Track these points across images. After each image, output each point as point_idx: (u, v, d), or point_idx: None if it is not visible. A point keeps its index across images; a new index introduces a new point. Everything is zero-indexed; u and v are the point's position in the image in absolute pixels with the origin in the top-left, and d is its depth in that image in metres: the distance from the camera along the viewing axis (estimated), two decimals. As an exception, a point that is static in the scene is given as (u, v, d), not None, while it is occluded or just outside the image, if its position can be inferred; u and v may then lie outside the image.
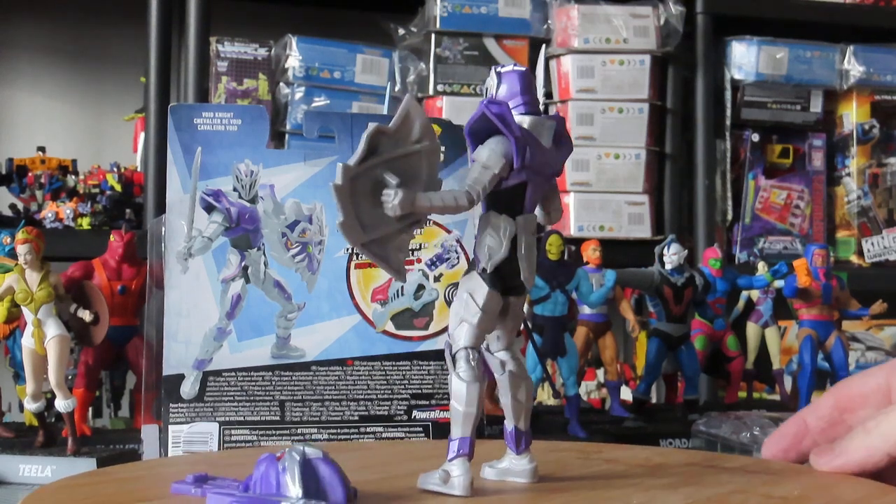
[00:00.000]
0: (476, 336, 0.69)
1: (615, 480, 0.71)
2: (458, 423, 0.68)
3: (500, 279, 0.69)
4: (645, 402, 1.44)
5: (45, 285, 1.07)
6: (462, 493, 0.65)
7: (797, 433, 0.76)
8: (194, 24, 1.84)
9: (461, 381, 0.68)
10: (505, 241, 0.69)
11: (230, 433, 1.05)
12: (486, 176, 0.67)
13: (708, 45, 2.05)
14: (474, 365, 0.69)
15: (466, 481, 0.65)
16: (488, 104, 0.67)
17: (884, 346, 2.09)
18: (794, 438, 0.76)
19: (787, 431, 0.77)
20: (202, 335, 1.06)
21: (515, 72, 0.70)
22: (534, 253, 0.70)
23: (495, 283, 0.69)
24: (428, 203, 0.66)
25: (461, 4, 1.94)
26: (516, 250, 0.69)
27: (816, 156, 2.16)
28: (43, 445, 1.11)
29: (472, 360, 0.69)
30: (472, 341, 0.69)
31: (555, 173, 0.71)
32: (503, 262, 0.69)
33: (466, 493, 0.65)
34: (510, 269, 0.69)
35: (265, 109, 1.13)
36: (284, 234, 1.09)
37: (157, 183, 1.78)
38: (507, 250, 0.69)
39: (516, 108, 0.69)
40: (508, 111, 0.68)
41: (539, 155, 0.69)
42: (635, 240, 1.95)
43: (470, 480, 0.66)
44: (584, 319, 1.48)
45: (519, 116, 0.69)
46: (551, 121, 0.70)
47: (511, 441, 0.70)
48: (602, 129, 1.95)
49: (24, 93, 2.15)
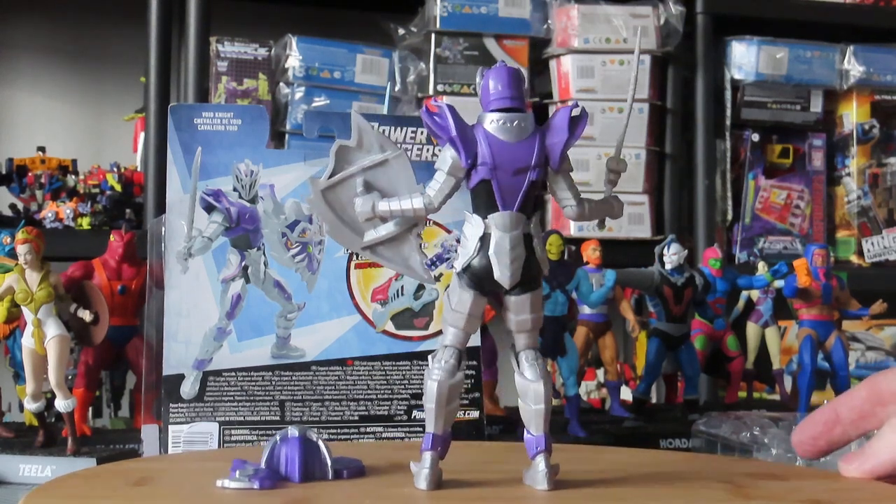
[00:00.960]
0: (452, 335, 0.71)
1: (612, 488, 0.71)
2: (428, 420, 0.71)
3: (476, 279, 0.70)
4: (645, 402, 1.44)
5: (45, 285, 1.07)
6: (421, 486, 0.69)
7: (828, 421, 0.76)
8: (194, 24, 1.84)
9: (428, 380, 0.70)
10: (473, 241, 0.70)
11: (230, 433, 1.05)
12: (438, 178, 0.71)
13: (708, 45, 2.05)
14: (443, 364, 0.71)
15: (428, 475, 0.69)
16: (425, 109, 0.71)
17: (884, 346, 2.09)
18: (825, 426, 0.76)
19: (819, 419, 0.77)
20: (202, 335, 1.06)
21: (495, 69, 0.71)
22: (514, 251, 0.70)
23: (470, 283, 0.70)
24: (387, 207, 0.72)
25: (461, 4, 1.94)
26: (487, 249, 0.70)
27: (816, 156, 2.16)
28: (43, 445, 1.11)
29: (442, 359, 0.71)
30: (448, 340, 0.71)
31: (532, 167, 0.70)
32: (475, 262, 0.70)
33: (425, 487, 0.69)
34: (483, 268, 0.70)
35: (265, 109, 1.13)
36: (284, 234, 1.09)
37: (157, 183, 1.78)
38: (476, 250, 0.70)
39: (490, 105, 0.70)
40: (444, 113, 0.70)
41: (500, 151, 0.70)
42: (635, 240, 1.95)
43: (432, 475, 0.69)
44: (584, 319, 1.48)
45: (489, 114, 0.70)
46: (522, 114, 0.70)
47: (526, 445, 0.71)
48: (602, 129, 1.95)
49: (24, 93, 2.15)
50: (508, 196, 0.70)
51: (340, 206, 0.74)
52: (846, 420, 0.75)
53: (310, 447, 0.71)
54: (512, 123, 0.70)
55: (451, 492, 0.69)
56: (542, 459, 0.69)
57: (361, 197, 0.73)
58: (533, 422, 0.70)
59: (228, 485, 0.68)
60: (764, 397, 1.74)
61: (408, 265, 0.74)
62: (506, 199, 0.70)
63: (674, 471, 0.77)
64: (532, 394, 0.70)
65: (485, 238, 0.70)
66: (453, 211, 0.74)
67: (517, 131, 0.70)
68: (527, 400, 0.70)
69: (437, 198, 0.71)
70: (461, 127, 0.70)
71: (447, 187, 0.71)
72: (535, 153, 0.70)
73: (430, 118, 0.70)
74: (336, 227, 0.75)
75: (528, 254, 0.70)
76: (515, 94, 0.71)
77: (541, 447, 0.69)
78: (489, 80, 0.71)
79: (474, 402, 1.10)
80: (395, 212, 0.73)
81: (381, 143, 0.76)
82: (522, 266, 0.70)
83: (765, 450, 1.10)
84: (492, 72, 0.71)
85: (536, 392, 0.70)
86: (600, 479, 0.72)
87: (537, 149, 0.70)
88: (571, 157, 0.74)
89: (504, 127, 0.70)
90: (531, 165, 0.70)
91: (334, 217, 0.75)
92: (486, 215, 0.70)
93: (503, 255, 0.69)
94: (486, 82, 0.71)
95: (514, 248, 0.70)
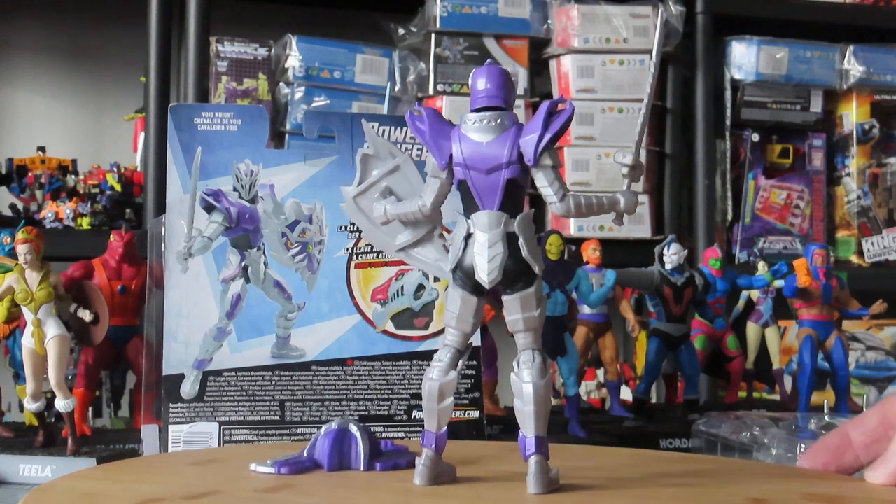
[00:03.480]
0: (450, 334, 0.72)
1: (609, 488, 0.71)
2: (425, 418, 0.72)
3: (463, 278, 0.71)
4: (645, 401, 1.44)
5: (45, 285, 1.07)
6: (417, 481, 0.70)
7: (839, 447, 0.74)
8: (194, 24, 1.84)
9: (425, 379, 0.72)
10: (459, 241, 0.71)
11: (230, 433, 1.05)
12: (427, 181, 0.73)
13: (708, 45, 2.05)
14: (438, 363, 0.71)
15: (424, 471, 0.70)
16: (409, 113, 0.73)
17: (884, 346, 2.09)
18: (836, 452, 0.74)
19: (829, 444, 0.75)
20: (202, 335, 1.06)
21: (478, 69, 0.72)
22: (492, 250, 0.69)
23: (459, 282, 0.71)
24: (395, 211, 0.75)
25: (461, 4, 1.94)
26: (471, 248, 0.71)
27: (816, 156, 2.16)
28: (43, 445, 1.11)
29: (438, 358, 0.72)
30: (447, 339, 0.72)
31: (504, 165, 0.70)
32: (461, 262, 0.71)
33: (420, 482, 0.70)
34: (468, 267, 0.71)
35: (265, 109, 1.13)
36: (284, 234, 1.09)
37: (157, 183, 1.78)
38: (462, 249, 0.71)
39: (472, 105, 0.71)
40: (424, 117, 0.72)
41: (472, 151, 0.70)
42: (635, 240, 1.95)
43: (426, 471, 0.70)
44: (584, 319, 1.48)
45: (469, 114, 0.71)
46: (498, 112, 0.71)
47: (520, 447, 0.70)
48: (602, 129, 1.95)
49: (24, 93, 2.15)
50: (486, 195, 0.70)
51: (370, 212, 0.78)
52: (858, 444, 0.73)
53: (345, 439, 0.76)
54: (487, 122, 0.70)
55: (448, 488, 0.69)
56: (532, 462, 0.68)
57: (377, 203, 0.76)
58: (524, 423, 0.69)
59: (257, 468, 0.74)
60: (764, 397, 1.74)
61: (438, 266, 0.76)
62: (484, 199, 0.70)
63: (674, 471, 0.77)
64: (524, 394, 0.69)
65: (469, 238, 0.71)
66: (452, 212, 0.75)
67: (493, 130, 0.70)
68: (518, 400, 0.70)
69: (427, 199, 0.73)
70: (437, 130, 0.71)
71: (434, 189, 0.73)
72: (506, 150, 0.70)
73: (412, 122, 0.72)
74: (370, 232, 0.79)
75: (510, 252, 0.70)
76: (495, 92, 0.71)
77: (531, 450, 0.68)
78: (473, 81, 0.72)
79: (474, 401, 1.10)
80: (400, 215, 0.75)
81: (389, 150, 0.79)
82: (503, 265, 0.69)
83: (764, 450, 1.10)
84: (476, 72, 0.72)
85: (527, 393, 0.69)
86: (600, 479, 0.72)
87: (509, 146, 0.70)
88: (571, 157, 0.73)
89: (479, 126, 0.70)
90: (503, 163, 0.70)
91: (368, 222, 0.78)
92: (469, 215, 0.71)
93: (482, 253, 0.70)
94: (471, 83, 0.72)
95: (493, 246, 0.70)
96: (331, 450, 0.75)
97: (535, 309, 0.70)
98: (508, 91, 0.71)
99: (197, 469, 0.78)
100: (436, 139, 0.71)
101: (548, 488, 0.67)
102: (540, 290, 0.71)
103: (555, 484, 0.68)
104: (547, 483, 0.67)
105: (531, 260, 0.70)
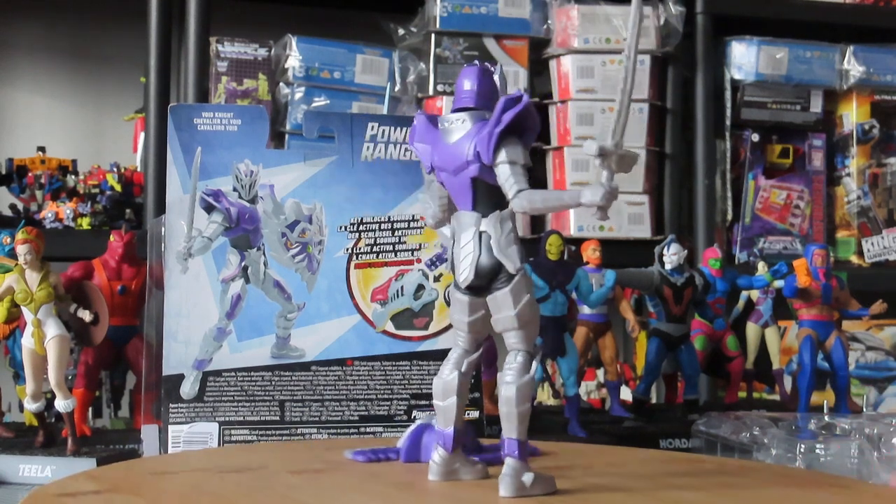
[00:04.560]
0: (456, 333, 0.73)
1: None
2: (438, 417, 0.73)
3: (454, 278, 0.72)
4: (645, 402, 1.44)
5: (45, 285, 1.07)
6: (430, 476, 0.73)
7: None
8: (194, 24, 1.84)
9: (436, 378, 0.73)
10: (449, 242, 0.72)
11: (230, 433, 1.05)
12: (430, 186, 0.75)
13: (708, 45, 2.05)
14: (445, 363, 0.72)
15: (435, 468, 0.72)
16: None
17: (884, 346, 2.09)
18: None
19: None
20: (202, 335, 1.06)
21: (462, 70, 0.73)
22: (464, 250, 0.70)
23: (454, 282, 0.72)
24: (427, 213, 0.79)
25: (461, 4, 1.94)
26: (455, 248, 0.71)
27: (816, 156, 2.16)
28: (43, 445, 1.11)
29: (447, 358, 0.72)
30: (455, 338, 0.73)
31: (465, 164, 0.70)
32: (451, 262, 0.72)
33: (433, 477, 0.73)
34: (454, 268, 0.71)
35: (265, 109, 1.13)
36: (284, 234, 1.09)
37: (157, 183, 1.78)
38: (451, 249, 0.72)
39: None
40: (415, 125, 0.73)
41: (441, 153, 0.71)
42: (635, 240, 1.95)
43: (439, 469, 0.71)
44: (584, 319, 1.48)
45: (448, 115, 0.72)
46: (462, 113, 0.71)
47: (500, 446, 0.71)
48: (602, 129, 1.95)
49: (24, 93, 2.15)
50: (459, 196, 0.71)
51: None
52: None
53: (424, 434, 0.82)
54: (452, 124, 0.71)
55: (445, 487, 0.70)
56: (506, 465, 0.68)
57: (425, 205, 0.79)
58: (503, 423, 0.69)
59: (347, 454, 0.86)
60: (764, 397, 1.74)
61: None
62: (458, 199, 0.71)
63: (673, 470, 0.77)
64: (501, 395, 0.69)
65: (455, 238, 0.72)
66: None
67: (458, 131, 0.70)
68: (500, 401, 0.70)
69: (434, 203, 0.75)
70: (422, 136, 0.72)
71: (435, 192, 0.74)
72: (465, 150, 0.70)
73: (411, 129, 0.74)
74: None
75: (482, 252, 0.69)
76: (467, 93, 0.71)
77: (505, 451, 0.68)
78: (458, 80, 0.72)
79: (474, 402, 1.10)
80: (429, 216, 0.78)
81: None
82: (476, 265, 0.69)
83: (764, 450, 1.10)
84: (462, 72, 0.72)
85: (504, 395, 0.69)
86: (600, 479, 0.72)
87: (468, 145, 0.70)
88: (571, 157, 0.74)
89: (448, 128, 0.71)
90: (465, 163, 0.70)
91: None
92: (456, 216, 0.72)
93: (458, 254, 0.70)
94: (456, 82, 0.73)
95: (465, 246, 0.70)
96: (408, 444, 0.83)
97: (512, 308, 0.68)
98: (482, 90, 0.71)
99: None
100: (420, 145, 0.72)
101: (518, 493, 0.66)
102: (520, 289, 0.69)
103: (527, 490, 0.67)
104: (518, 487, 0.67)
105: (504, 259, 0.69)
